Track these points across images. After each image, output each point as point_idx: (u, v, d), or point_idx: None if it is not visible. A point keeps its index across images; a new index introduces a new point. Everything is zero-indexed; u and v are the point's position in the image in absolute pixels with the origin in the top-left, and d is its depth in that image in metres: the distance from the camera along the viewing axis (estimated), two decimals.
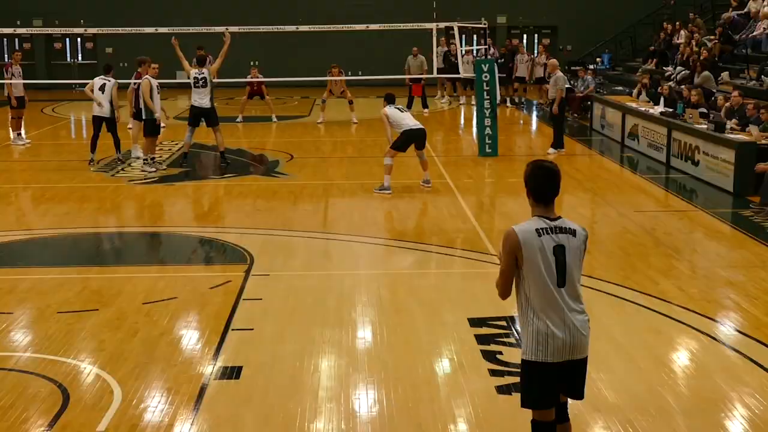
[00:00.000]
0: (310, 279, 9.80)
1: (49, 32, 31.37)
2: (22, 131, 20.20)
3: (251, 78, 23.08)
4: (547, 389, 4.95)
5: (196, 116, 16.71)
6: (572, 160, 17.58)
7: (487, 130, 17.61)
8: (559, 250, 4.85)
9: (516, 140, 20.84)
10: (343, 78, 22.83)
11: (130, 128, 18.35)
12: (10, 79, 19.49)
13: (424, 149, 14.51)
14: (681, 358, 7.63)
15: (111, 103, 16.71)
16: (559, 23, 35.45)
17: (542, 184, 4.91)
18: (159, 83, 16.42)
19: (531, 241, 4.82)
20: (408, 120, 14.24)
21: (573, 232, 4.92)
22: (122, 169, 16.61)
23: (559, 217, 4.94)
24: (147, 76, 16.32)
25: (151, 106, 16.06)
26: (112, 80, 16.83)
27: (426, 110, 24.92)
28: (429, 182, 14.53)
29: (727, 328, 8.28)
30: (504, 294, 5.05)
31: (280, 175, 16.16)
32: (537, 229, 4.85)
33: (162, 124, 19.33)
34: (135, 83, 17.63)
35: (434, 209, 13.23)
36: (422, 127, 14.31)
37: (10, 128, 20.44)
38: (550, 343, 4.85)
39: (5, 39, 35.87)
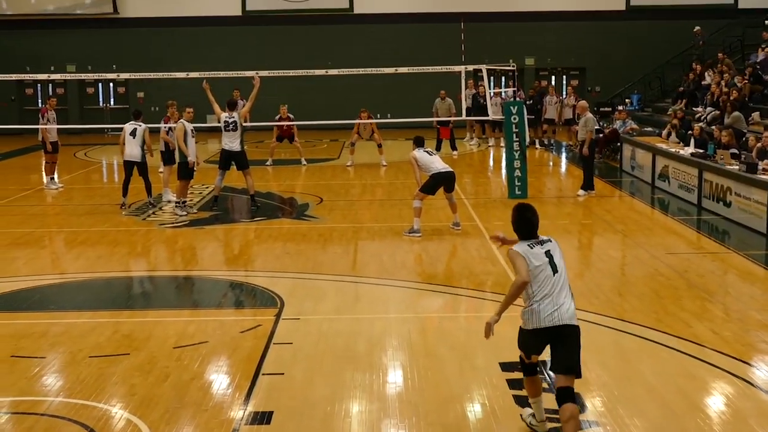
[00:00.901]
0: (341, 323, 9.78)
1: (82, 77, 31.82)
2: (55, 175, 20.43)
3: (280, 117, 23.18)
4: (536, 344, 6.70)
5: (227, 159, 16.83)
6: (602, 201, 17.51)
7: (517, 172, 17.60)
8: (548, 253, 6.65)
9: (546, 182, 20.80)
10: (372, 122, 22.95)
11: (161, 172, 18.54)
12: (46, 124, 19.76)
13: (453, 192, 14.51)
14: (716, 403, 7.53)
15: (142, 147, 16.90)
16: (587, 64, 35.52)
17: (527, 228, 6.84)
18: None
19: (528, 252, 6.62)
20: (437, 163, 14.26)
21: (550, 240, 6.85)
22: (153, 213, 16.73)
23: (540, 236, 6.84)
24: (182, 120, 16.49)
25: (184, 149, 16.21)
26: (143, 125, 17.03)
27: (455, 152, 24.97)
28: (459, 225, 14.51)
29: (762, 373, 8.16)
30: (517, 295, 6.57)
31: (310, 218, 16.21)
32: (528, 244, 6.69)
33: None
34: (165, 127, 17.84)
35: (464, 252, 13.20)
36: (451, 170, 14.33)
37: (44, 172, 20.68)
38: (543, 316, 6.50)
39: (39, 84, 36.44)
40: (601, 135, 23.48)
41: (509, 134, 17.80)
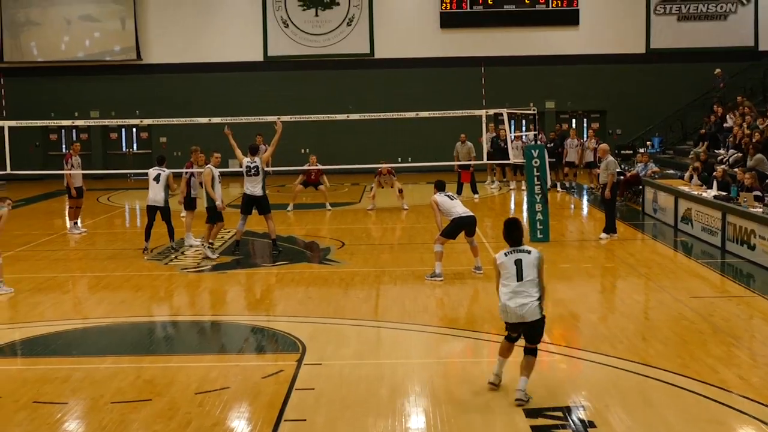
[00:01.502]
0: (363, 368, 9.74)
1: (106, 123, 32.19)
2: (79, 220, 20.57)
3: (309, 166, 23.29)
4: (511, 330, 8.86)
5: (249, 204, 16.90)
6: (625, 244, 17.43)
7: (538, 216, 17.57)
8: (518, 261, 8.68)
9: (567, 225, 20.74)
10: (391, 166, 23.02)
11: (183, 217, 18.64)
12: (70, 169, 19.95)
13: (475, 236, 14.49)
14: None
15: (166, 192, 17.03)
16: (607, 107, 35.57)
17: (511, 235, 8.91)
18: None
19: (502, 258, 8.80)
20: (458, 208, 14.26)
21: (528, 252, 8.77)
22: (175, 258, 16.79)
23: (523, 246, 8.85)
24: (209, 165, 16.60)
25: (212, 194, 16.30)
26: (167, 170, 17.17)
27: (476, 196, 24.97)
28: (480, 269, 14.47)
29: None
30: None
31: (332, 262, 16.21)
32: (505, 253, 8.81)
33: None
34: (187, 172, 17.98)
35: (486, 296, 13.14)
36: (472, 214, 14.32)
37: (68, 217, 20.83)
38: (510, 312, 8.66)
39: (63, 130, 36.85)
40: (622, 177, 23.44)
41: (530, 178, 17.80)
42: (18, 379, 9.57)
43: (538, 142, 22.30)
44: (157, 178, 17.06)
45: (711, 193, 17.90)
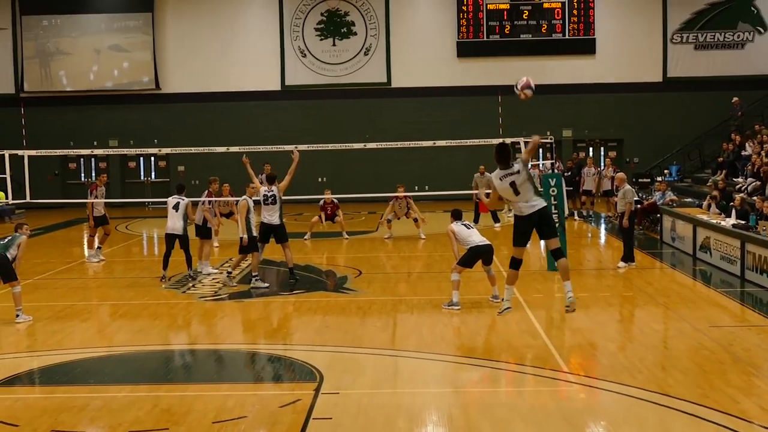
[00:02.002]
0: (380, 397, 9.70)
1: (125, 152, 32.44)
2: (98, 245, 20.68)
3: (324, 202, 23.33)
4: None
5: (266, 233, 16.93)
6: (643, 273, 17.35)
7: None
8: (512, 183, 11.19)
9: (585, 254, 20.67)
10: (408, 195, 23.04)
11: (216, 247, 18.68)
12: (95, 199, 20.09)
13: (492, 264, 14.45)
14: None
15: (184, 221, 17.10)
16: (625, 136, 35.56)
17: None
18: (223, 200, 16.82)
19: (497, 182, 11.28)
20: (474, 237, 14.25)
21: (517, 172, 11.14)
22: (193, 286, 16.82)
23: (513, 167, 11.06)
24: (245, 196, 16.61)
25: (242, 225, 16.30)
26: (186, 199, 17.24)
27: (497, 225, 24.97)
28: (498, 297, 14.43)
29: None
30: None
31: (349, 291, 16.20)
32: (499, 177, 11.28)
33: (216, 245, 19.95)
34: (204, 201, 18.06)
35: (503, 325, 13.09)
36: (489, 243, 14.29)
37: (86, 245, 20.91)
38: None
39: (82, 159, 37.11)
40: (639, 206, 23.39)
41: (548, 206, 17.73)
42: (36, 408, 9.57)
43: (555, 171, 22.28)
44: (176, 207, 17.14)
45: (730, 222, 17.82)
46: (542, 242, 19.17)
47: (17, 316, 13.85)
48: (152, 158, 37.23)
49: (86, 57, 36.34)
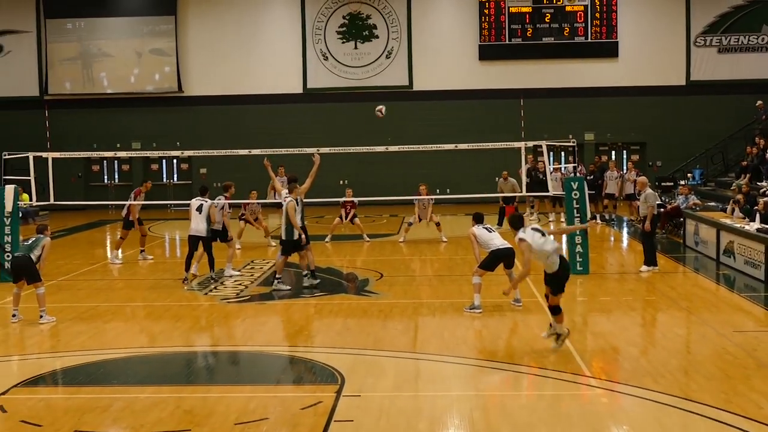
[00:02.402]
0: (402, 400, 9.69)
1: (147, 155, 32.56)
2: (119, 251, 20.81)
3: (345, 201, 23.38)
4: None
5: None
6: (666, 277, 17.27)
7: (578, 248, 17.47)
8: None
9: (607, 258, 20.59)
10: (431, 199, 23.02)
11: (238, 249, 18.70)
12: (136, 202, 20.25)
13: (513, 268, 14.42)
14: None
15: (207, 223, 17.15)
16: (647, 139, 35.41)
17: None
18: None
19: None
20: (496, 240, 14.23)
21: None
22: (215, 288, 16.87)
23: None
24: (291, 197, 16.54)
25: (296, 225, 16.32)
26: (209, 201, 17.31)
27: None
28: (519, 301, 14.40)
29: None
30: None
31: (370, 293, 16.20)
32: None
33: (238, 246, 20.02)
34: (219, 204, 17.99)
35: (525, 328, 13.06)
36: (510, 246, 14.26)
37: (111, 246, 21.03)
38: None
39: (105, 161, 37.33)
40: (662, 210, 23.30)
41: (570, 210, 17.72)
42: (59, 408, 9.63)
43: (578, 174, 22.21)
44: (199, 209, 17.22)
45: (754, 226, 17.70)
46: (564, 247, 19.16)
47: (41, 317, 13.95)
48: (175, 161, 37.39)
49: (109, 60, 36.59)
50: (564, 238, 20.13)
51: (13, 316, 14.02)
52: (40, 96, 36.76)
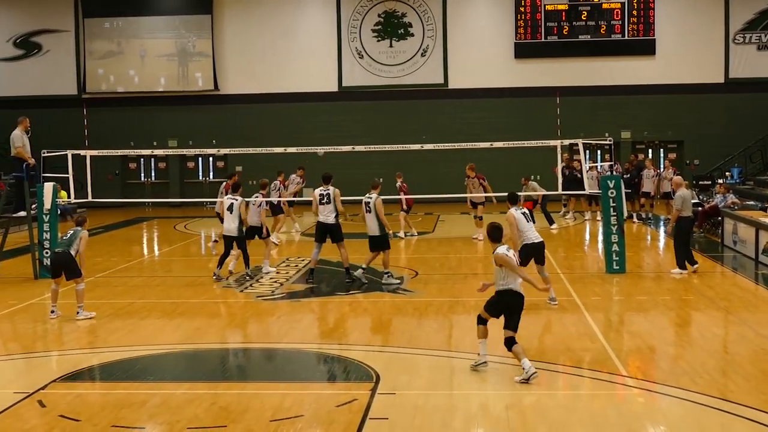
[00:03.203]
0: (437, 398, 9.67)
1: (184, 153, 32.81)
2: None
3: (400, 184, 23.53)
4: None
5: (323, 232, 16.98)
6: (703, 277, 17.09)
7: (615, 247, 17.34)
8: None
9: (644, 257, 20.42)
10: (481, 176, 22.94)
11: (276, 244, 18.73)
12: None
13: (545, 265, 14.28)
14: None
15: (240, 221, 17.17)
16: (685, 137, 35.08)
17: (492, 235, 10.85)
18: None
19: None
20: (531, 232, 14.05)
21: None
22: (251, 285, 16.93)
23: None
24: (377, 195, 16.57)
25: (385, 222, 16.40)
26: (239, 199, 17.33)
27: (553, 226, 24.90)
28: (555, 300, 14.31)
29: None
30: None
31: (406, 291, 16.19)
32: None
33: (275, 240, 20.01)
34: (254, 201, 18.03)
35: (560, 327, 12.99)
36: (542, 240, 14.15)
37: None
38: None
39: (142, 159, 37.63)
40: (700, 209, 23.10)
41: (606, 208, 17.59)
42: (97, 404, 9.71)
43: (614, 173, 22.06)
44: (230, 208, 17.24)
45: None
46: (600, 246, 19.02)
47: (78, 313, 14.06)
48: (210, 158, 37.61)
49: (146, 59, 36.89)
50: (600, 237, 19.98)
51: (52, 312, 14.16)
52: (78, 94, 37.12)
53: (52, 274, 14.25)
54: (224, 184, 21.17)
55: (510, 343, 10.42)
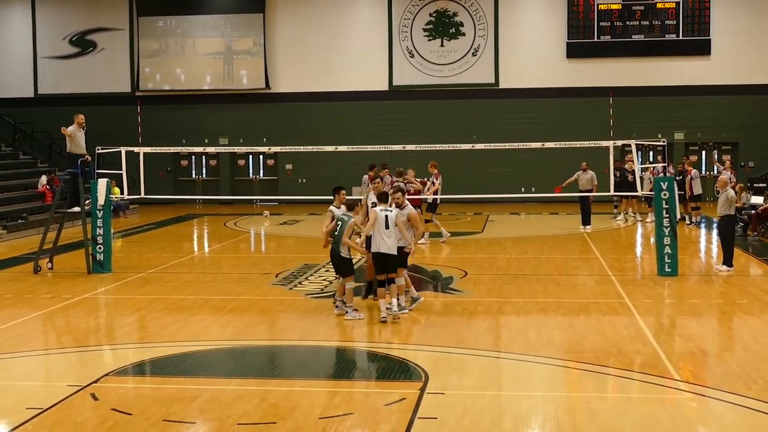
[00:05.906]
0: (486, 399, 9.63)
1: (234, 150, 32.94)
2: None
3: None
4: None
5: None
6: (758, 281, 16.82)
7: (667, 249, 17.13)
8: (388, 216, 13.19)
9: (696, 259, 20.16)
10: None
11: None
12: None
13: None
14: None
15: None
16: (740, 139, 34.56)
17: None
18: None
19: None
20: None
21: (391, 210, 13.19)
22: (300, 283, 17.00)
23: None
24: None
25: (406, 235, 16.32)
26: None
27: (587, 227, 24.65)
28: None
29: None
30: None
31: (455, 291, 16.15)
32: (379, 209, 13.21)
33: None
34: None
35: (612, 330, 12.86)
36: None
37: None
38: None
39: (193, 156, 37.97)
40: (754, 212, 22.80)
41: (659, 210, 17.39)
42: (149, 398, 9.82)
43: (667, 174, 21.81)
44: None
45: None
46: (653, 248, 18.81)
47: (346, 312, 13.91)
48: (261, 156, 37.81)
49: (199, 57, 37.21)
50: (652, 240, 19.77)
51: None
52: (132, 92, 37.56)
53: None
54: (366, 176, 20.88)
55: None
